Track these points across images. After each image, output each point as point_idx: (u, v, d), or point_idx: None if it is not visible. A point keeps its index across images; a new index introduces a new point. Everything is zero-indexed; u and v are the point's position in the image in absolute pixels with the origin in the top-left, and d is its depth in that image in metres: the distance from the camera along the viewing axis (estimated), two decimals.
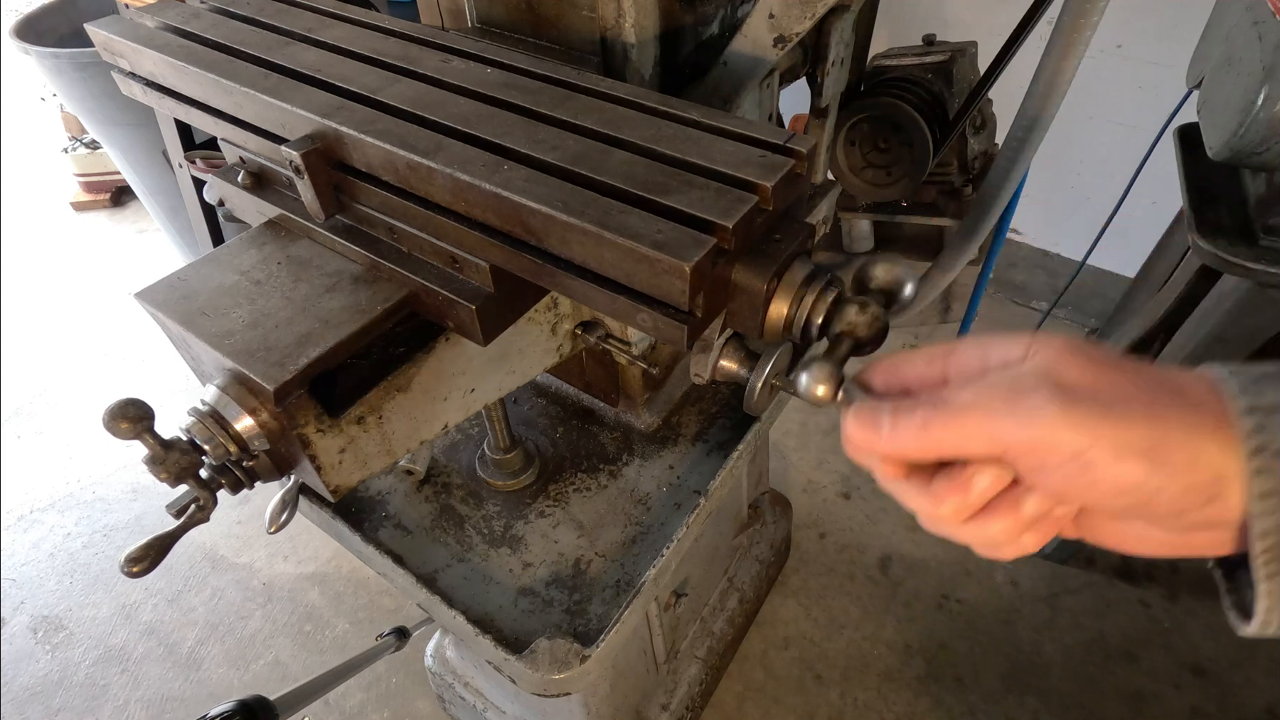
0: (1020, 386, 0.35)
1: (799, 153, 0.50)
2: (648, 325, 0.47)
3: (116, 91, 0.74)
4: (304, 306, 0.58)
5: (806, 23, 0.72)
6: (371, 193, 0.58)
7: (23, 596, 1.89)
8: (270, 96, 0.59)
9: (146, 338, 2.52)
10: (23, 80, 3.54)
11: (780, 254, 0.47)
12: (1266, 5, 0.94)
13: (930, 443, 0.37)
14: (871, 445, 0.39)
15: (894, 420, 0.38)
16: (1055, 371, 0.35)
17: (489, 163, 0.51)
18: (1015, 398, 0.34)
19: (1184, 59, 1.27)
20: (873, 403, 0.40)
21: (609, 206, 0.47)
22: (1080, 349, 0.36)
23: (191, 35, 0.68)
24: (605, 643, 0.77)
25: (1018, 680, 1.60)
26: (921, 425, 0.37)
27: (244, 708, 0.96)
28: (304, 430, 0.55)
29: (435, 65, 0.63)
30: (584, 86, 0.59)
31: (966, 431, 0.35)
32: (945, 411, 0.36)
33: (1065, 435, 0.33)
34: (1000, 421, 0.35)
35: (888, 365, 0.43)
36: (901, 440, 0.38)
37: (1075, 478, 0.34)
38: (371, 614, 1.81)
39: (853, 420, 0.40)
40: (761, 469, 1.56)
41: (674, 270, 0.43)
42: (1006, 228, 1.01)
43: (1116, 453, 0.33)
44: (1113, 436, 0.33)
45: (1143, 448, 0.33)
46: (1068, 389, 0.34)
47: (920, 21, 2.07)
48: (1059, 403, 0.33)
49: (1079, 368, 0.35)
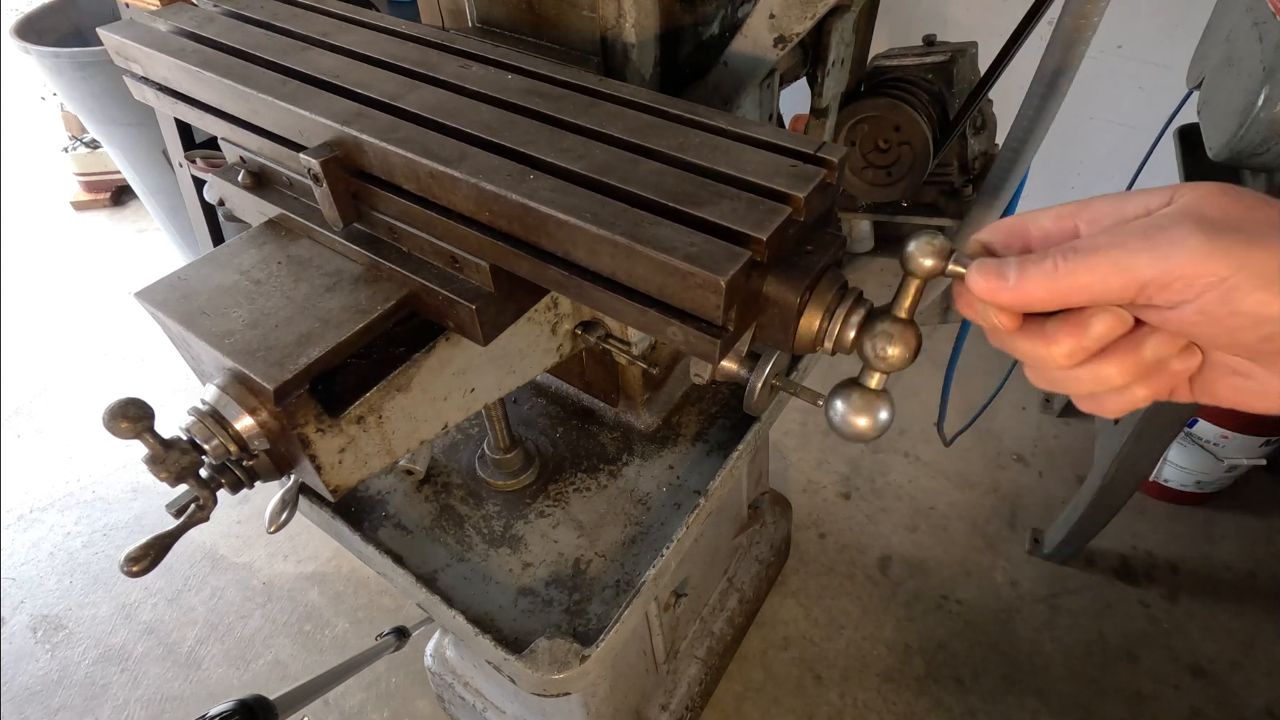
0: (1160, 224, 0.33)
1: (830, 162, 0.48)
2: (679, 339, 0.46)
3: (116, 91, 0.74)
4: (304, 306, 0.58)
5: (807, 23, 0.72)
6: (391, 201, 0.57)
7: (22, 596, 1.89)
8: (288, 103, 0.58)
9: (146, 337, 2.52)
10: (23, 80, 3.54)
11: (813, 266, 0.46)
12: (1267, 6, 0.94)
13: (1060, 286, 0.35)
14: (995, 294, 0.37)
15: (1021, 268, 0.36)
16: (1199, 208, 0.33)
17: (514, 172, 0.50)
18: (1155, 234, 0.33)
19: (1184, 59, 1.27)
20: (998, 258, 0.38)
21: (639, 218, 0.46)
22: (1229, 189, 0.34)
23: (206, 40, 0.67)
24: (605, 643, 0.77)
25: (1017, 681, 1.60)
26: (1051, 270, 0.35)
27: (244, 707, 0.96)
28: (304, 430, 0.55)
29: (455, 71, 0.62)
30: (608, 93, 0.58)
31: (1100, 272, 0.34)
32: (1078, 254, 0.34)
33: (1206, 264, 0.32)
34: (1137, 258, 0.33)
35: (1010, 224, 0.40)
36: (1029, 285, 0.36)
37: (1214, 308, 0.32)
38: (371, 614, 1.81)
39: (977, 272, 0.37)
40: (761, 469, 1.56)
41: (709, 284, 0.42)
42: None
43: (1260, 280, 0.31)
44: (1257, 264, 0.31)
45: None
46: (1212, 221, 0.32)
47: (920, 22, 2.08)
48: (1202, 233, 0.32)
49: (1225, 204, 0.33)
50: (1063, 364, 0.37)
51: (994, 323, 0.39)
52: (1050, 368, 0.38)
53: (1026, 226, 0.40)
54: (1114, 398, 0.39)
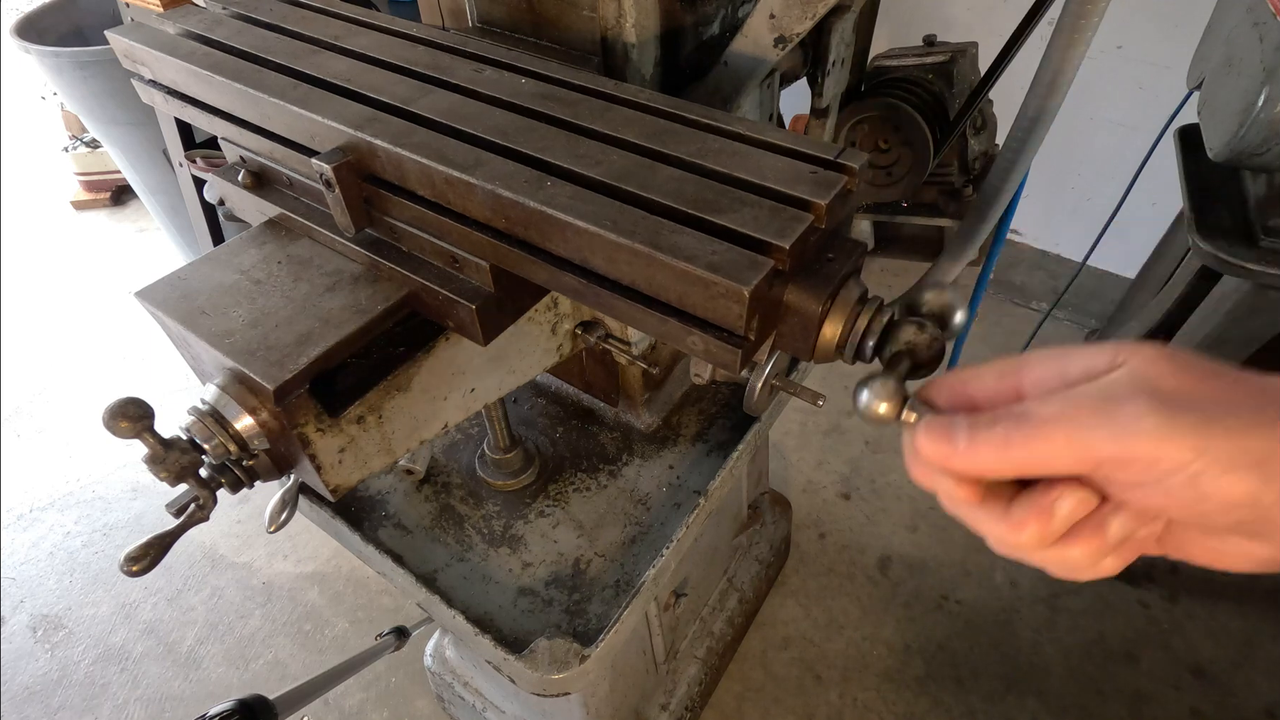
0: (1113, 395, 0.32)
1: (852, 169, 0.47)
2: (699, 349, 0.45)
3: (117, 90, 0.74)
4: (304, 306, 0.58)
5: (807, 23, 0.72)
6: (404, 206, 0.56)
7: (22, 595, 1.89)
8: (300, 107, 0.57)
9: (146, 337, 2.52)
10: (23, 79, 3.54)
11: (835, 274, 0.45)
12: (1267, 6, 0.94)
13: (1012, 459, 0.34)
14: (946, 460, 0.36)
15: (971, 434, 0.35)
16: (1151, 378, 0.32)
17: (531, 178, 0.49)
18: (1109, 408, 0.32)
19: (1184, 60, 1.27)
20: (946, 417, 0.37)
21: (659, 225, 0.45)
22: (1173, 355, 0.33)
23: (215, 43, 0.67)
24: (604, 643, 0.77)
25: (1017, 681, 1.60)
26: (1003, 439, 0.34)
27: (243, 707, 0.96)
28: (304, 429, 0.55)
29: (467, 75, 0.61)
30: (623, 97, 0.57)
31: (1054, 446, 0.33)
32: (1029, 424, 0.33)
33: (1169, 448, 0.30)
34: (1093, 434, 0.32)
35: (953, 381, 0.39)
36: (980, 455, 0.35)
37: (1180, 492, 0.31)
38: (371, 613, 1.81)
39: (924, 434, 0.37)
40: (761, 469, 1.56)
41: (732, 294, 0.41)
42: (1007, 228, 1.01)
43: (1225, 464, 0.30)
44: (1219, 448, 0.30)
45: (1256, 459, 0.30)
46: (1167, 397, 0.31)
47: (920, 22, 2.08)
48: (1161, 412, 0.31)
49: (1176, 374, 0.32)
50: (1031, 548, 0.36)
51: (952, 494, 0.38)
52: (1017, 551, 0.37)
53: (968, 385, 0.39)
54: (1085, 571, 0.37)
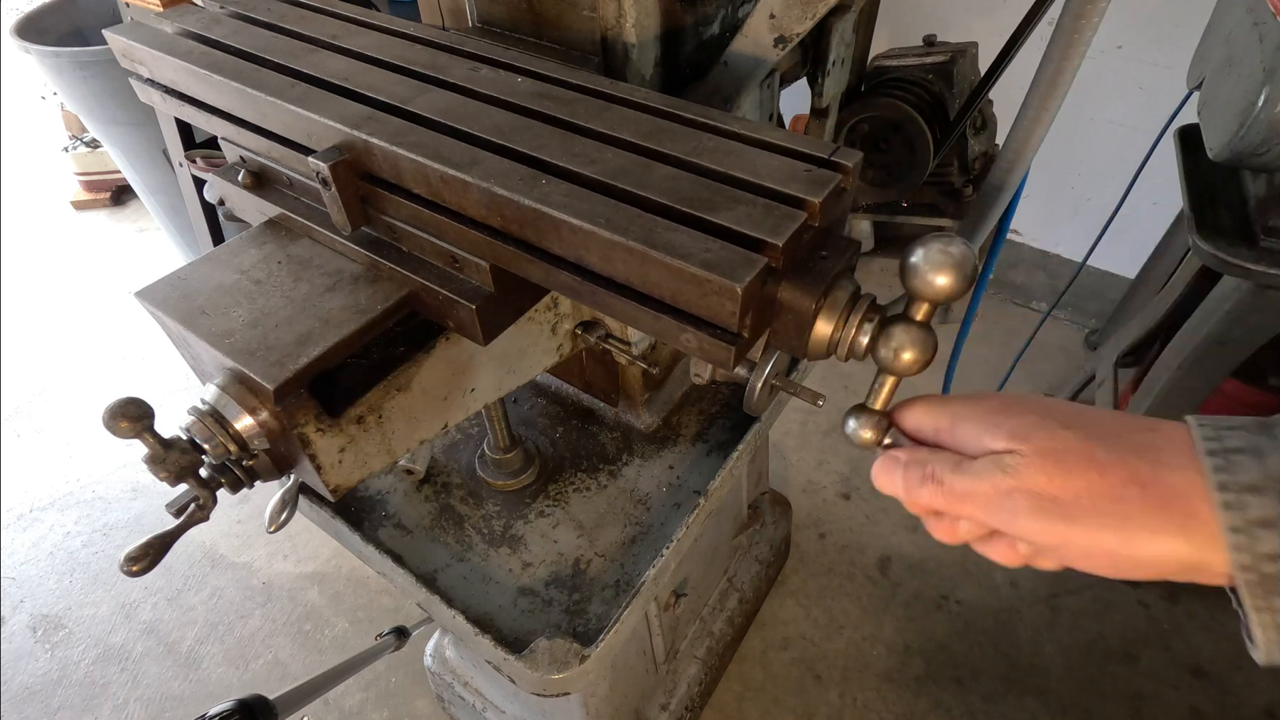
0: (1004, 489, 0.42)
1: (846, 167, 0.48)
2: (692, 346, 0.46)
3: (117, 90, 0.74)
4: (304, 306, 0.58)
5: (807, 23, 0.72)
6: (400, 205, 0.56)
7: (22, 595, 1.89)
8: (298, 106, 0.57)
9: (146, 337, 2.52)
10: (23, 79, 3.54)
11: (828, 272, 0.45)
12: (1267, 6, 0.94)
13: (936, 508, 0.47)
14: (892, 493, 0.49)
15: (907, 486, 0.47)
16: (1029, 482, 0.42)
17: (526, 177, 0.50)
18: (1001, 500, 0.43)
19: (1184, 60, 1.27)
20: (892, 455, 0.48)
21: (654, 223, 0.45)
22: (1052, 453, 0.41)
23: (213, 42, 0.67)
24: (604, 643, 0.77)
25: (1017, 681, 1.60)
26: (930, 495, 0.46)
27: (243, 707, 0.96)
28: (304, 429, 0.55)
29: (464, 74, 0.61)
30: (619, 96, 0.57)
31: (964, 511, 0.45)
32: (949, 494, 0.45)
33: (1040, 538, 0.43)
34: (992, 514, 0.44)
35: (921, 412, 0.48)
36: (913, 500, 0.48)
37: (1050, 558, 0.45)
38: (371, 613, 1.81)
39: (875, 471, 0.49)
40: (761, 469, 1.56)
41: (725, 291, 0.41)
42: (1007, 228, 1.01)
43: (1084, 552, 0.42)
44: (1080, 543, 0.41)
45: (1108, 549, 0.41)
46: (1041, 500, 0.41)
47: (920, 22, 2.07)
48: (1032, 514, 0.42)
49: (1047, 477, 0.41)
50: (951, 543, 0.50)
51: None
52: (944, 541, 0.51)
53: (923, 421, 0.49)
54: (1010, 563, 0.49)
